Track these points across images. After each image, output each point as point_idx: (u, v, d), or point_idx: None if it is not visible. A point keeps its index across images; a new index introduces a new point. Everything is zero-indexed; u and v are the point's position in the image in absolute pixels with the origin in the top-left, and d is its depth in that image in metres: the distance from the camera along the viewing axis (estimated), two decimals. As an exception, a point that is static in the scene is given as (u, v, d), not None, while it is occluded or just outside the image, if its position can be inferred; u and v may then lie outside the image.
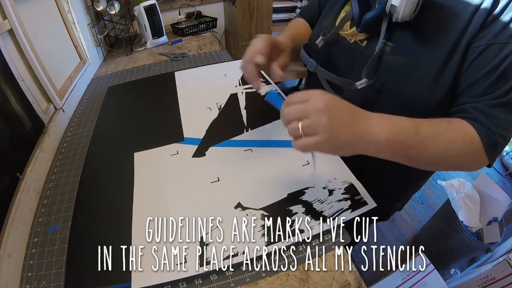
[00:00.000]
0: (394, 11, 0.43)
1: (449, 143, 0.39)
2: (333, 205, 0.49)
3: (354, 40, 0.54)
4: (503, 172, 1.86)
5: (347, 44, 0.55)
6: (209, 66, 1.02)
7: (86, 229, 0.50)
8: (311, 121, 0.36)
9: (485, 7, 0.41)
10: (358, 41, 0.54)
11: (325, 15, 0.62)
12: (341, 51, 0.57)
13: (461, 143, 0.39)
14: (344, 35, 0.56)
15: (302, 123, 0.37)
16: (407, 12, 0.42)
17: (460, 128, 0.40)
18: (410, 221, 1.54)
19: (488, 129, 0.39)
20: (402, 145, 0.38)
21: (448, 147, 0.38)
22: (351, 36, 0.55)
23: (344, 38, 0.56)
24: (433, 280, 0.71)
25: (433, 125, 0.40)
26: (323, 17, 0.63)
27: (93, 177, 0.61)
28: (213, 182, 0.55)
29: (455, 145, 0.39)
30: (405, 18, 0.43)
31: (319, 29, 0.61)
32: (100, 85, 1.00)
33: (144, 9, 1.22)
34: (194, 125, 0.70)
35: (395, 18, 0.43)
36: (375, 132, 0.37)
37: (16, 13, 0.66)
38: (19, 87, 0.63)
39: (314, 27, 0.67)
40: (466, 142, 0.39)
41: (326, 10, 0.63)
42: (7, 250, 0.45)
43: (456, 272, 1.31)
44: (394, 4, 0.42)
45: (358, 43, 0.54)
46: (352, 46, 0.54)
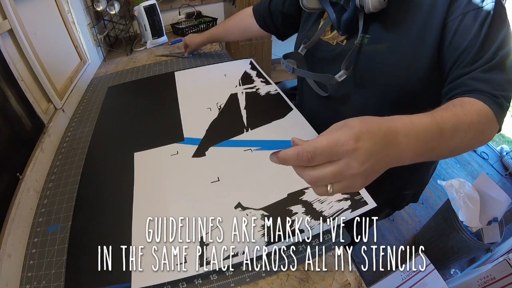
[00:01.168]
0: (364, 3, 0.46)
1: (468, 130, 0.38)
2: (333, 205, 0.49)
3: (336, 42, 0.58)
4: (503, 172, 1.86)
5: (330, 47, 0.59)
6: (209, 66, 1.02)
7: (86, 229, 0.50)
8: (345, 185, 0.31)
9: None
10: (339, 42, 0.58)
11: (303, 29, 0.67)
12: (325, 54, 0.61)
13: (477, 124, 0.38)
14: (326, 40, 0.60)
15: (333, 186, 0.31)
16: (376, 3, 0.45)
17: (472, 108, 0.39)
18: (410, 221, 1.54)
19: (491, 94, 0.39)
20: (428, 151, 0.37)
21: (467, 134, 0.38)
22: (332, 40, 0.59)
23: (327, 43, 0.60)
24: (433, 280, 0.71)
25: (452, 115, 0.37)
26: (301, 30, 0.68)
27: (93, 177, 0.61)
28: (213, 182, 0.55)
29: (473, 129, 0.38)
30: (376, 6, 0.45)
31: (299, 40, 0.66)
32: (100, 85, 1.00)
33: (144, 9, 1.22)
34: (194, 125, 0.70)
35: (367, 9, 0.46)
36: (403, 155, 0.34)
37: (16, 13, 0.66)
38: (19, 87, 0.63)
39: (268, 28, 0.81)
40: (482, 120, 0.39)
41: (303, 24, 0.68)
42: (7, 250, 0.45)
43: (456, 272, 1.31)
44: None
45: (340, 44, 0.58)
46: (335, 47, 0.58)
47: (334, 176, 0.30)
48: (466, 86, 0.42)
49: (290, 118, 0.70)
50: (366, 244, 0.48)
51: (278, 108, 0.74)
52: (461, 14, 0.42)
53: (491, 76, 0.40)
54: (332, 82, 0.54)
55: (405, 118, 0.34)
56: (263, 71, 0.92)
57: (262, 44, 1.96)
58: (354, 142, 0.28)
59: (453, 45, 0.43)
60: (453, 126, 0.37)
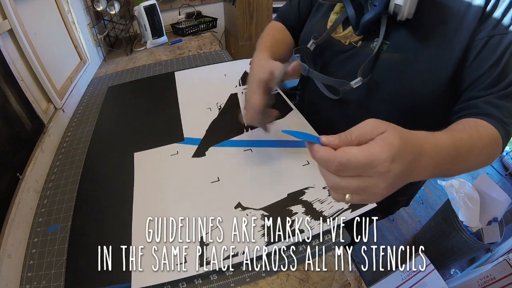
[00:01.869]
0: (399, 10, 0.43)
1: (480, 154, 0.39)
2: (333, 205, 0.49)
3: (349, 42, 0.54)
4: (503, 172, 1.86)
5: (342, 46, 0.55)
6: (209, 66, 1.02)
7: (86, 229, 0.50)
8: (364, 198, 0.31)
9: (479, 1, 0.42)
10: (352, 43, 0.54)
11: (313, 17, 0.63)
12: (335, 53, 0.57)
13: (488, 148, 0.40)
14: (337, 37, 0.56)
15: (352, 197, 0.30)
16: (412, 11, 0.43)
17: (486, 132, 0.41)
18: (410, 221, 1.54)
19: (501, 120, 0.41)
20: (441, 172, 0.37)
21: (478, 157, 0.39)
22: (345, 39, 0.55)
23: (338, 41, 0.56)
24: (433, 280, 0.71)
25: (469, 138, 0.39)
26: (310, 19, 0.63)
27: (93, 177, 0.61)
28: (213, 182, 0.55)
29: (484, 153, 0.40)
30: (410, 16, 0.43)
31: (308, 32, 0.61)
32: (100, 85, 1.00)
33: (144, 9, 1.22)
34: (194, 125, 0.70)
35: (399, 17, 0.44)
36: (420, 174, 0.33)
37: (16, 13, 0.66)
38: (19, 87, 0.63)
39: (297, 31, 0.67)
40: (492, 145, 0.41)
41: (313, 13, 0.63)
42: (7, 250, 0.45)
43: (456, 272, 1.31)
44: (398, 4, 0.43)
45: (353, 44, 0.54)
46: (347, 48, 0.55)
47: (358, 189, 0.29)
48: (478, 108, 0.43)
49: (290, 118, 0.70)
50: (366, 244, 0.48)
51: (278, 108, 0.74)
52: (487, 37, 0.42)
53: (504, 103, 0.42)
54: (346, 88, 0.51)
55: (431, 137, 0.33)
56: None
57: (262, 44, 1.96)
58: (389, 164, 0.27)
59: (473, 66, 0.44)
60: (468, 149, 0.37)
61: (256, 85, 0.48)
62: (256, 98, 0.48)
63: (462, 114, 0.45)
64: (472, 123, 0.41)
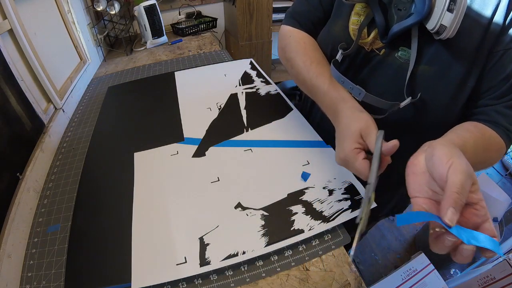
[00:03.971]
0: (443, 30, 0.42)
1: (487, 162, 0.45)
2: (333, 205, 0.49)
3: (371, 48, 0.52)
4: (503, 172, 1.86)
5: (366, 54, 0.53)
6: (209, 66, 1.02)
7: (86, 229, 0.50)
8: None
9: (500, 13, 0.43)
10: (375, 50, 0.52)
11: (334, 19, 0.57)
12: (359, 60, 0.54)
13: (496, 156, 0.46)
14: (361, 44, 0.53)
15: None
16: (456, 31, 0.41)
17: (495, 141, 0.44)
18: (410, 221, 1.54)
19: (506, 128, 0.45)
20: None
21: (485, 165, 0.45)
22: (368, 45, 0.52)
23: (361, 47, 0.53)
24: (433, 280, 0.71)
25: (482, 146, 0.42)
26: (331, 22, 0.58)
27: (93, 177, 0.61)
28: (213, 182, 0.55)
29: (492, 160, 0.45)
30: (452, 35, 0.42)
31: (329, 36, 0.57)
32: (100, 85, 1.00)
33: (144, 9, 1.22)
34: (194, 125, 0.70)
35: (442, 36, 0.42)
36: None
37: (16, 13, 0.66)
38: (19, 87, 0.63)
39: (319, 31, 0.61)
40: (499, 153, 0.45)
41: (334, 10, 0.57)
42: (7, 250, 0.45)
43: (456, 272, 1.31)
44: (444, 25, 0.41)
45: (375, 52, 0.52)
46: (370, 55, 0.52)
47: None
48: (487, 115, 0.46)
49: (290, 118, 0.70)
50: (366, 244, 0.48)
51: (278, 108, 0.74)
52: (503, 50, 0.43)
53: (510, 112, 0.45)
54: (395, 109, 0.48)
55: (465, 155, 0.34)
56: (263, 71, 0.92)
57: (262, 44, 1.96)
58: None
59: (488, 77, 0.45)
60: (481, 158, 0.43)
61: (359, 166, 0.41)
62: (366, 174, 0.41)
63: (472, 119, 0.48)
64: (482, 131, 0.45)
